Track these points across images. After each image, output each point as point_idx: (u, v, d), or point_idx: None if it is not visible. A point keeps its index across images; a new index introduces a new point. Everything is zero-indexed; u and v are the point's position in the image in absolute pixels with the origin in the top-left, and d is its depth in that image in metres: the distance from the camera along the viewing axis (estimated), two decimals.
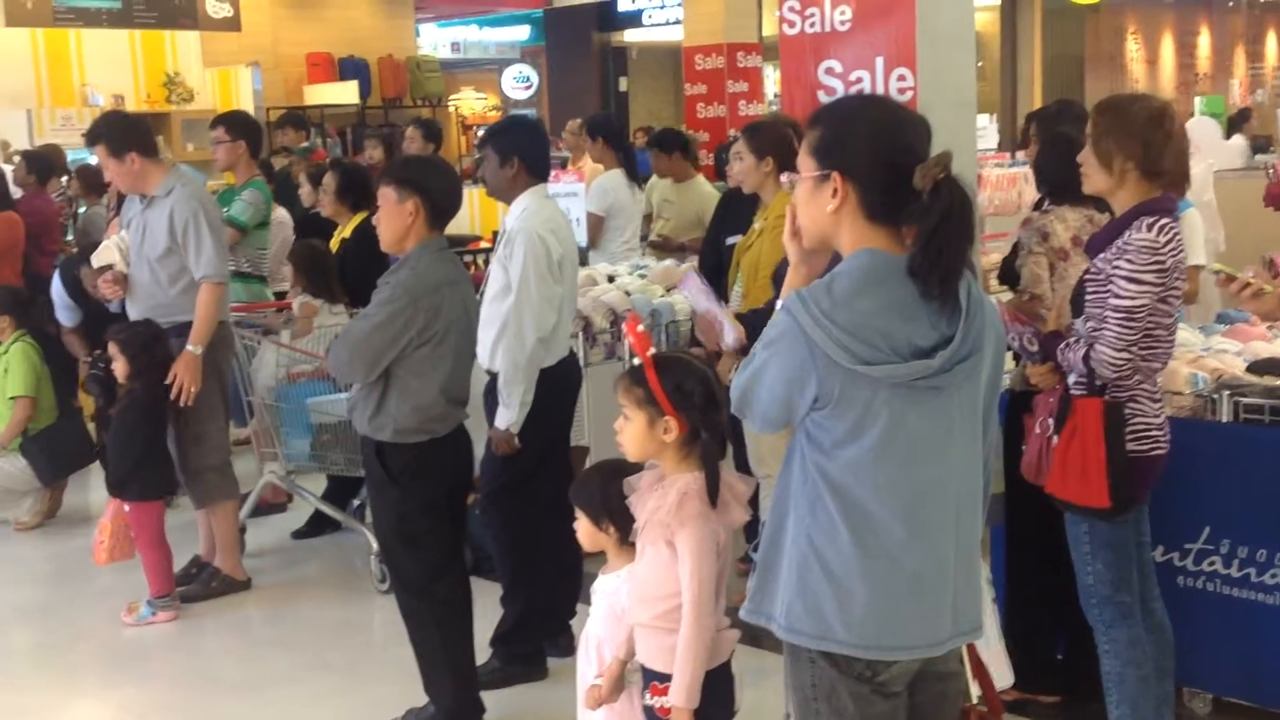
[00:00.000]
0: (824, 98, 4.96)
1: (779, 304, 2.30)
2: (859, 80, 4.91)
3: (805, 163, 2.31)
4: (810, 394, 2.22)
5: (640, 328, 2.84)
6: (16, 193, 7.97)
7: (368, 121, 14.05)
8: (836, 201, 2.27)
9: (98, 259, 5.19)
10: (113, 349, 4.94)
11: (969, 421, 2.31)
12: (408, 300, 3.71)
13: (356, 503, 5.94)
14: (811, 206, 2.31)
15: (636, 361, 2.80)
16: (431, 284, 3.75)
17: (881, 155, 2.24)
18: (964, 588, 2.33)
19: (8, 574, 5.88)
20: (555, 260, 4.22)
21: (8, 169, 8.28)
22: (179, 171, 5.24)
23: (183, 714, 4.45)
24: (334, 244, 6.13)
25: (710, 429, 2.78)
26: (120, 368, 4.91)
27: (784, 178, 4.20)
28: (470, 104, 19.83)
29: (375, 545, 5.31)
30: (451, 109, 16.20)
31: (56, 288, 6.53)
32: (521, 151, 4.31)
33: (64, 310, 6.51)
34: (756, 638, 2.95)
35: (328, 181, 6.20)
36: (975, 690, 2.60)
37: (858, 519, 2.24)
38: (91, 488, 6.84)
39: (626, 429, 2.82)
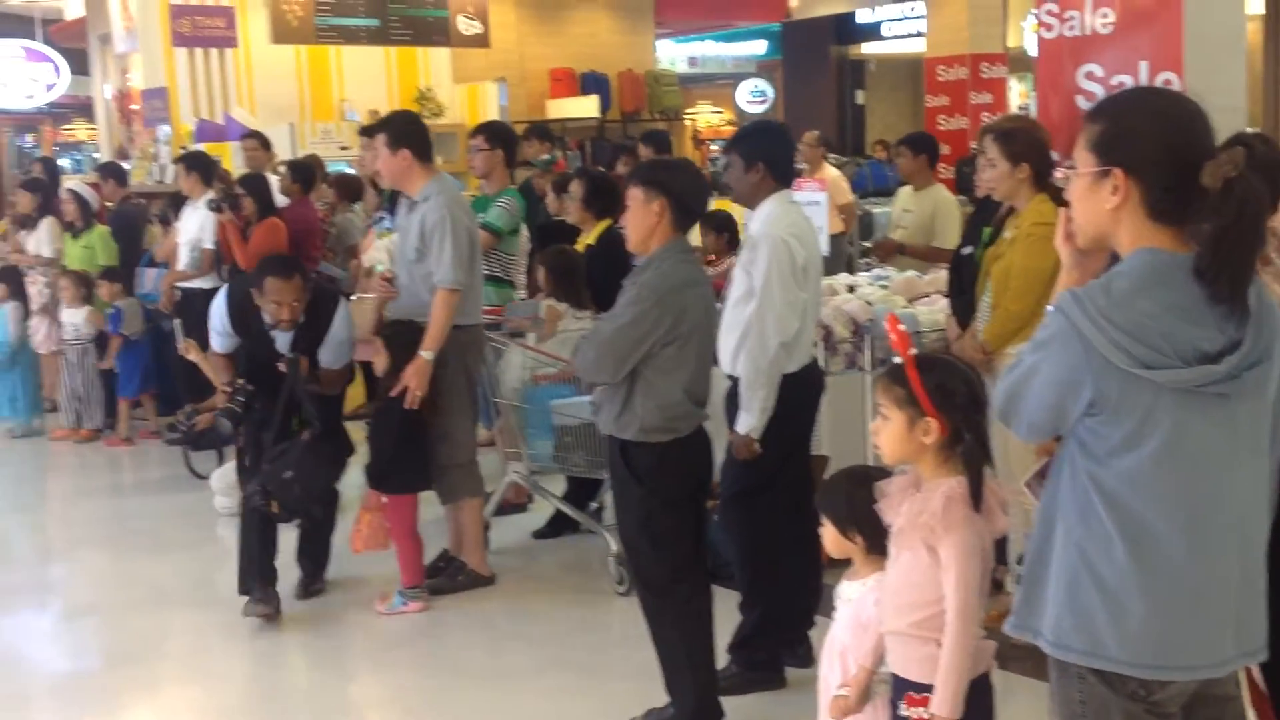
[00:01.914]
0: (1083, 103, 4.81)
1: (1049, 307, 2.22)
2: (1120, 85, 4.74)
3: (1083, 158, 2.23)
4: (1084, 399, 2.14)
5: (901, 326, 2.79)
6: (282, 201, 8.40)
7: (607, 135, 14.32)
8: (1117, 199, 2.18)
9: (368, 259, 5.44)
10: (377, 344, 5.15)
11: (1256, 432, 2.19)
12: (653, 301, 3.76)
13: (595, 505, 6.05)
14: (1089, 204, 2.23)
15: (896, 360, 2.75)
16: (676, 284, 3.79)
17: (1167, 151, 2.14)
18: (1248, 607, 2.21)
19: None
20: (799, 265, 4.20)
21: (274, 179, 8.72)
22: (441, 179, 5.43)
23: (434, 700, 4.60)
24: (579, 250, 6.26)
25: (974, 431, 2.70)
26: (380, 363, 5.13)
27: (1058, 173, 4.10)
28: (706, 118, 19.97)
29: (614, 547, 5.40)
30: (688, 123, 16.36)
31: (219, 310, 5.39)
32: (767, 156, 4.31)
33: (219, 337, 5.44)
34: (1001, 657, 2.88)
35: (574, 189, 6.34)
36: (1252, 717, 2.46)
37: (1134, 530, 2.15)
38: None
39: (884, 429, 2.76)
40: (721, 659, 4.24)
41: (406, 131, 5.31)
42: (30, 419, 9.02)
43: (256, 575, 5.22)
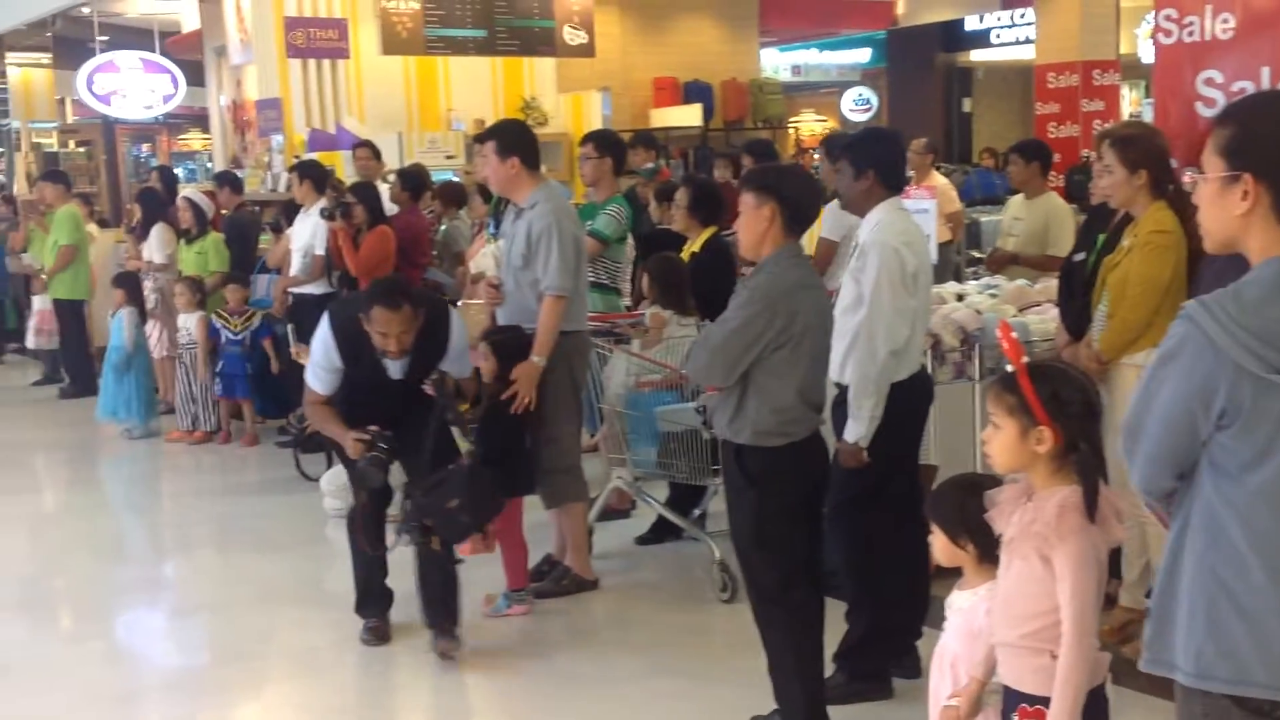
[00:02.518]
0: (1203, 110, 4.71)
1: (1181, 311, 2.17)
2: (1241, 92, 4.63)
3: (1212, 163, 2.18)
4: (1216, 409, 2.09)
5: (1014, 334, 2.75)
6: (391, 209, 8.53)
7: (710, 143, 14.32)
8: (1246, 204, 2.13)
9: (476, 266, 5.49)
10: (484, 349, 5.21)
11: None
12: (765, 304, 3.76)
13: (698, 512, 6.05)
14: (1218, 209, 2.18)
15: (1008, 368, 2.72)
16: (787, 287, 3.79)
17: None
18: None
19: None
20: (909, 273, 4.17)
21: (383, 187, 8.86)
22: (548, 186, 5.47)
23: (538, 702, 4.65)
24: (683, 258, 6.27)
25: (1088, 440, 2.66)
26: (488, 367, 5.18)
27: (1185, 178, 4.02)
28: (810, 126, 19.89)
29: (717, 554, 5.40)
30: (791, 131, 16.31)
31: (323, 342, 4.81)
32: (877, 163, 4.29)
33: (324, 373, 4.85)
34: (1114, 671, 2.82)
35: (680, 196, 6.35)
36: None
37: (1270, 550, 2.09)
38: None
39: (995, 438, 2.73)
40: (829, 668, 4.22)
41: (516, 140, 5.37)
42: (146, 421, 9.26)
43: (439, 614, 4.93)
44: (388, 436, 4.67)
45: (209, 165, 22.07)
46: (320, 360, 4.81)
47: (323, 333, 4.81)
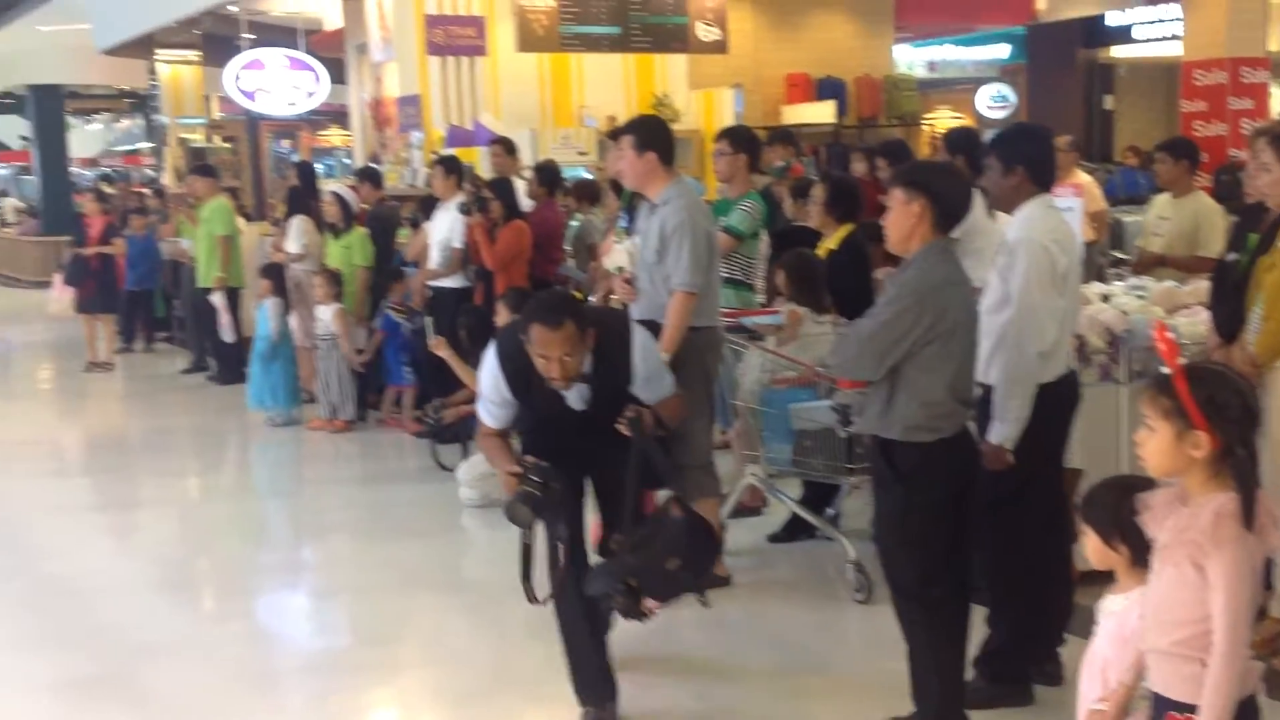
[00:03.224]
0: None
1: None
2: None
3: None
4: None
5: (1170, 334, 2.69)
6: (528, 204, 8.63)
7: (843, 140, 14.21)
8: None
9: (610, 262, 5.52)
10: None
11: None
12: (914, 299, 3.74)
13: (832, 511, 6.02)
14: None
15: (1163, 370, 2.66)
16: (936, 283, 3.77)
17: None
18: None
19: (503, 551, 6.36)
20: (1059, 272, 4.10)
21: (519, 183, 8.97)
22: (681, 182, 5.48)
23: (672, 696, 4.67)
24: (819, 255, 6.24)
25: (1245, 445, 2.59)
26: None
27: None
28: (945, 123, 19.60)
29: (852, 553, 5.37)
30: (926, 128, 16.09)
31: (491, 373, 4.16)
32: (1026, 160, 4.22)
33: (493, 407, 4.22)
34: (1267, 682, 2.75)
35: (816, 193, 6.32)
36: None
37: None
38: None
39: (1150, 441, 2.67)
40: (969, 672, 4.17)
41: (654, 135, 5.39)
42: (289, 409, 9.51)
43: (599, 686, 4.40)
44: (544, 469, 3.95)
45: (347, 160, 22.58)
46: (489, 393, 4.16)
47: (489, 362, 4.14)
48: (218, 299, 10.85)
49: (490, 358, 4.14)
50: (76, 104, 29.74)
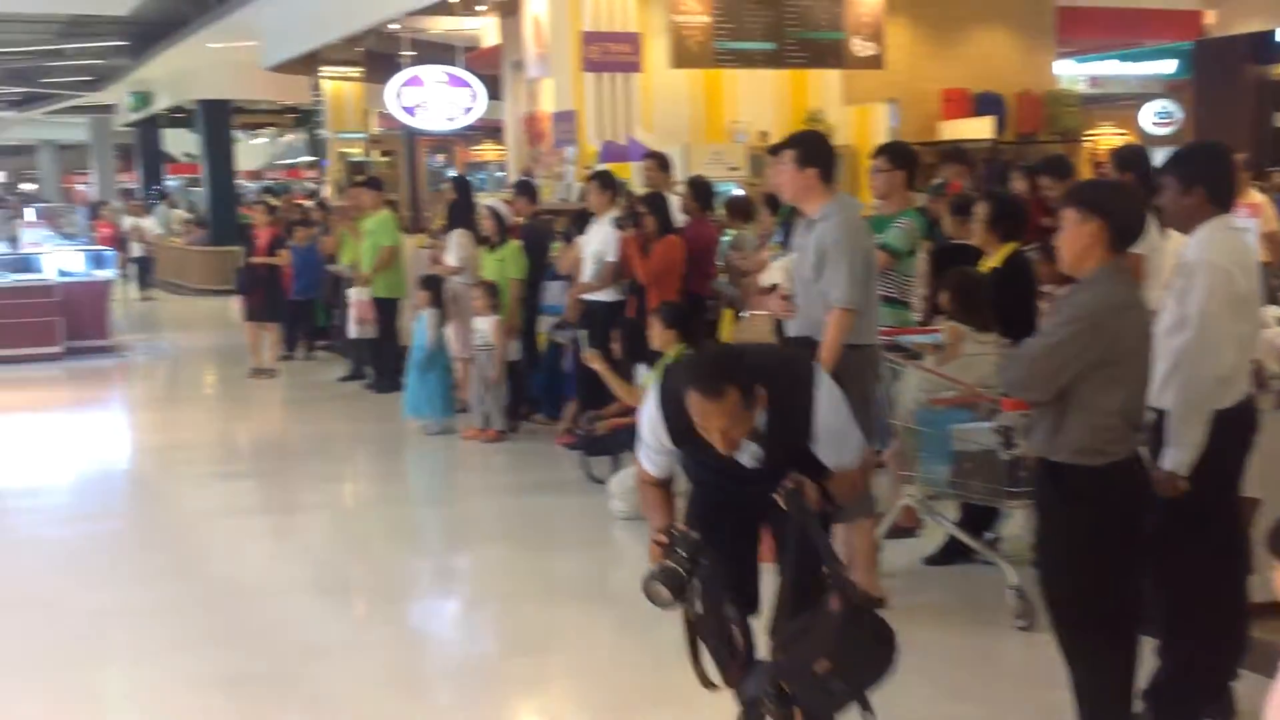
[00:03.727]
0: None
1: None
2: None
3: None
4: None
5: None
6: (680, 219, 8.65)
7: (1000, 157, 13.93)
8: None
9: (766, 278, 5.49)
10: None
11: None
12: (1089, 322, 3.65)
13: (991, 535, 5.89)
14: None
15: None
16: (1112, 306, 3.67)
17: None
18: None
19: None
20: (1240, 295, 3.95)
21: (673, 198, 8.99)
22: (841, 199, 5.43)
23: None
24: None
25: None
26: None
27: None
28: (1108, 140, 19.11)
29: (1013, 579, 5.24)
30: (1087, 145, 15.69)
31: (651, 417, 3.74)
32: (1206, 179, 4.07)
33: (653, 454, 3.81)
34: None
35: (980, 210, 6.20)
36: None
37: None
38: None
39: None
40: (1137, 704, 4.03)
41: (816, 151, 5.35)
42: (444, 418, 9.67)
43: None
44: (694, 543, 3.47)
45: (499, 175, 22.95)
46: (648, 438, 3.73)
47: (650, 404, 3.69)
48: (358, 293, 11.17)
49: (651, 400, 3.68)
50: (243, 119, 30.80)
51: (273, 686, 5.01)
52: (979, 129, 13.84)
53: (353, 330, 11.54)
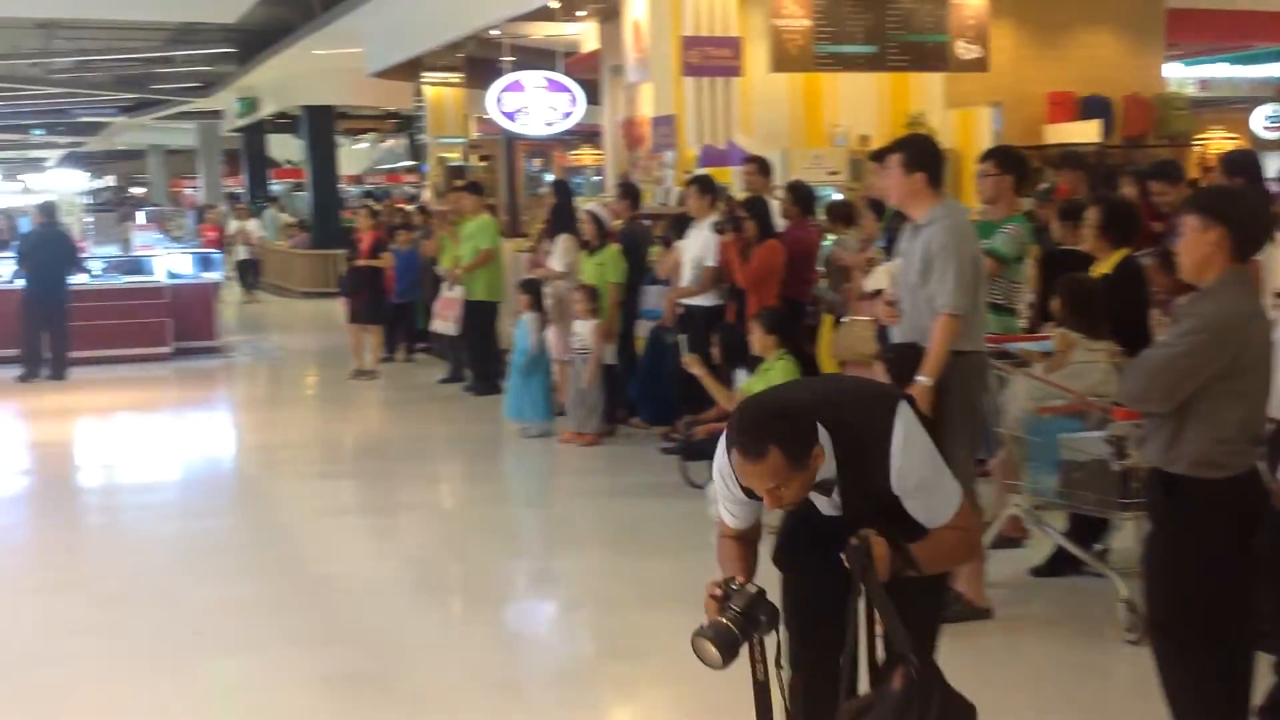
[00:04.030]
0: None
1: None
2: None
3: None
4: None
5: None
6: (780, 224, 8.59)
7: (1107, 160, 13.66)
8: None
9: (870, 283, 5.43)
10: (878, 367, 5.15)
11: None
12: (1213, 333, 3.56)
13: (1099, 545, 5.76)
14: None
15: None
16: (1236, 316, 3.58)
17: None
18: None
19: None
20: None
21: (773, 202, 8.94)
22: (948, 203, 5.35)
23: None
24: None
25: None
26: None
27: None
28: (1218, 144, 18.67)
29: (1123, 591, 5.12)
30: (1197, 150, 15.34)
31: (722, 466, 3.23)
32: None
33: (730, 505, 3.35)
34: None
35: (1091, 216, 6.08)
36: None
37: None
38: None
39: None
40: None
41: (923, 155, 5.28)
42: (545, 421, 9.71)
43: None
44: (752, 598, 3.06)
45: (595, 179, 23.03)
46: (720, 487, 3.33)
47: (721, 449, 3.19)
48: (448, 290, 11.29)
49: (721, 449, 3.18)
50: (345, 124, 31.29)
51: (373, 684, 5.06)
52: (1085, 132, 13.59)
53: (435, 324, 11.67)
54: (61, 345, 13.36)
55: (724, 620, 3.05)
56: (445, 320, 11.55)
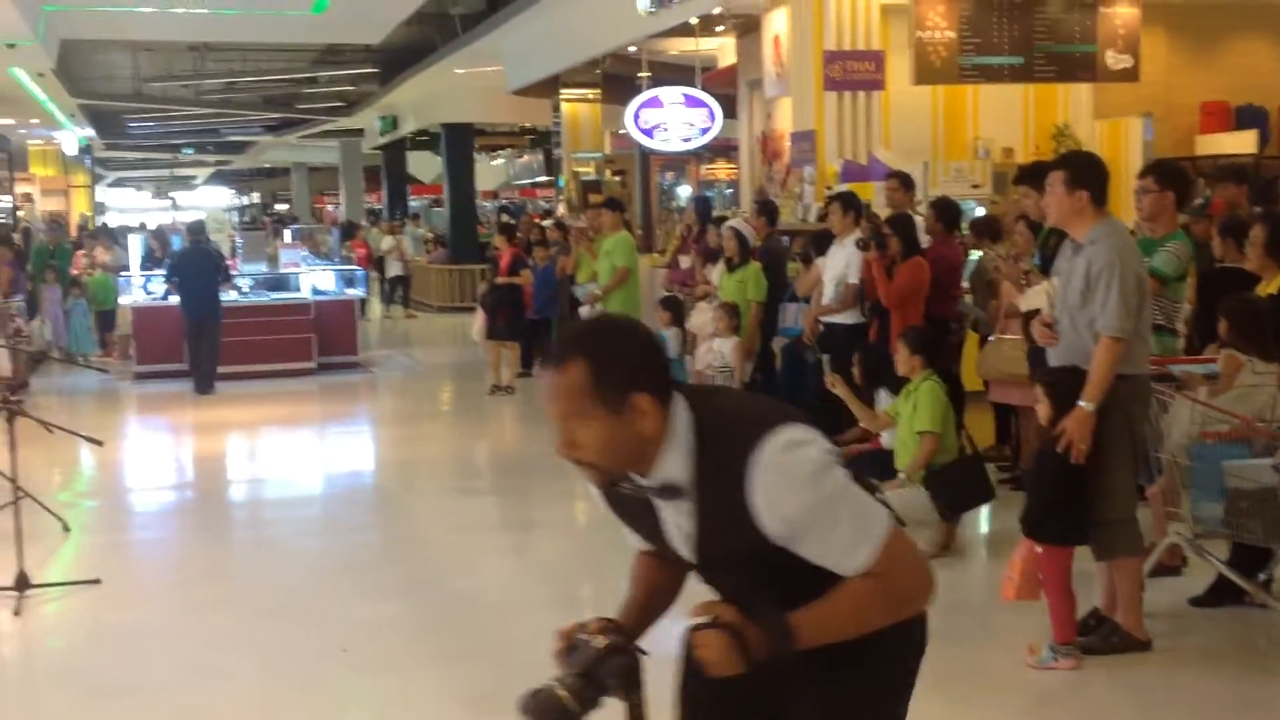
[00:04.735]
0: None
1: None
2: None
3: None
4: None
5: None
6: (925, 240, 8.44)
7: (1263, 173, 13.17)
8: None
9: (1026, 303, 5.28)
10: (1038, 390, 5.00)
11: None
12: None
13: (1264, 576, 5.52)
14: None
15: None
16: None
17: None
18: None
19: None
20: None
21: (917, 219, 8.78)
22: (1110, 221, 5.16)
23: None
24: None
25: None
26: (1042, 411, 4.96)
27: None
28: None
29: None
30: None
31: None
32: None
33: None
34: None
35: (1256, 234, 5.84)
36: None
37: None
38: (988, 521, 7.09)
39: None
40: None
41: (1087, 172, 5.12)
42: None
43: None
44: (598, 656, 2.47)
45: (727, 193, 22.98)
46: None
47: None
48: (588, 312, 11.29)
49: None
50: (482, 140, 31.74)
51: (509, 703, 5.04)
52: (1240, 143, 13.16)
53: None
54: (211, 360, 13.75)
55: (554, 685, 2.41)
56: None
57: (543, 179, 33.15)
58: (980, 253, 9.33)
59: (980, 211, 11.54)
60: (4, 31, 14.95)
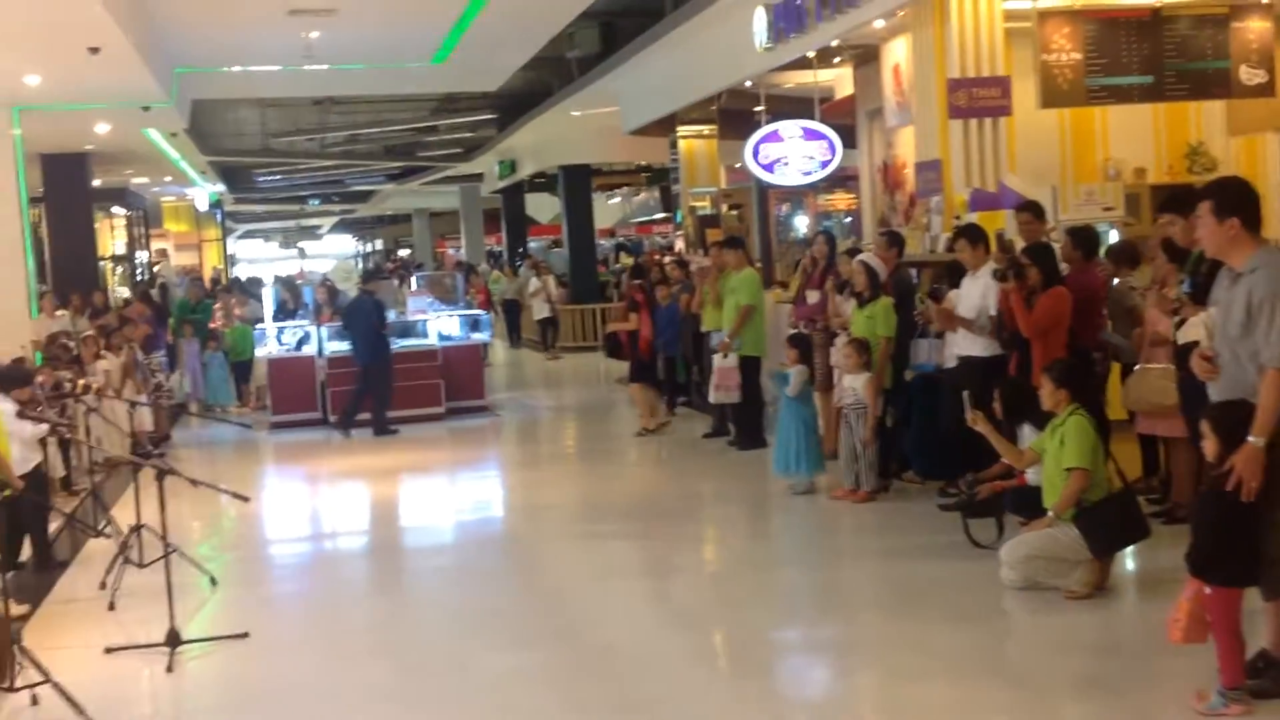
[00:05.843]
0: None
1: None
2: None
3: None
4: None
5: None
6: (1062, 268, 8.21)
7: None
8: None
9: (1183, 336, 5.09)
10: (1204, 426, 4.81)
11: None
12: None
13: None
14: None
15: None
16: None
17: None
18: None
19: (1058, 640, 6.03)
20: None
21: (1053, 246, 8.56)
22: (1268, 250, 4.96)
23: None
24: None
25: None
26: (1210, 447, 4.76)
27: None
28: None
29: None
30: None
31: None
32: None
33: None
34: None
35: None
36: None
37: None
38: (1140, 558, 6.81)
39: None
40: None
41: (1236, 199, 4.94)
42: (812, 475, 9.51)
43: None
44: None
45: (845, 222, 22.72)
46: None
47: None
48: (722, 360, 11.20)
49: None
50: (600, 180, 31.99)
51: None
52: None
53: (713, 395, 11.58)
54: (381, 403, 14.31)
55: None
56: (728, 390, 11.43)
57: (660, 215, 33.25)
58: (1117, 280, 9.07)
59: (1115, 235, 11.25)
60: (139, 95, 15.43)
